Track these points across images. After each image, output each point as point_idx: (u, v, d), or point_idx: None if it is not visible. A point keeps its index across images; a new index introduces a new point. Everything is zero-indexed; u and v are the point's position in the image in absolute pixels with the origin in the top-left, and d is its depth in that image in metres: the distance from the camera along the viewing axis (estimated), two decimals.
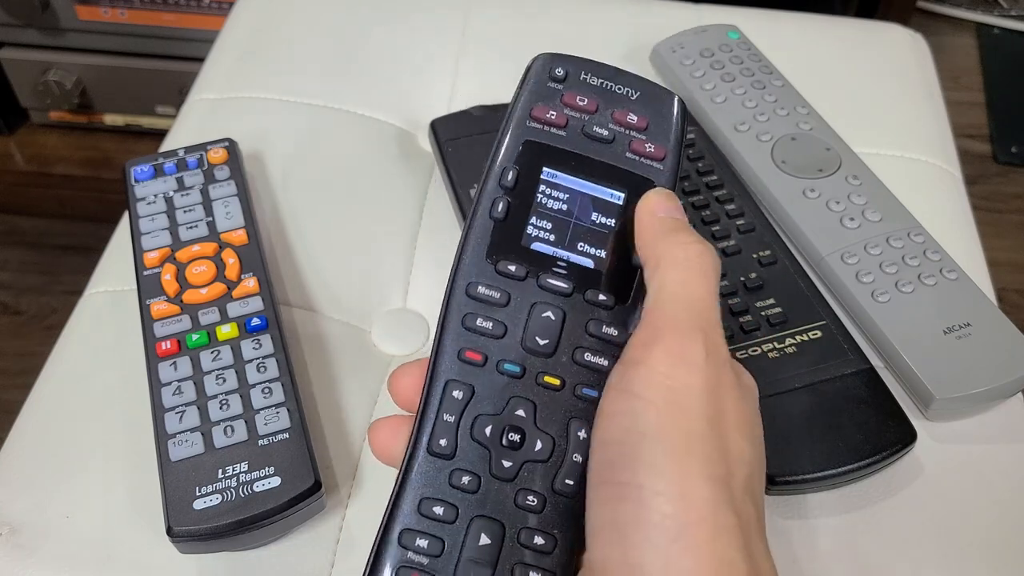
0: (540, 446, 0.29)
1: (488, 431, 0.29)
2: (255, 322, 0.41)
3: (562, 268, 0.30)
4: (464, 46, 0.60)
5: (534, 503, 0.28)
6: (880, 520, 0.40)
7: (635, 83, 0.32)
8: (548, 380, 0.29)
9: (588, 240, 0.30)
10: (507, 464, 0.29)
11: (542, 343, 0.29)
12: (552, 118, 0.31)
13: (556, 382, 0.29)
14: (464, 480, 0.28)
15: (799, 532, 0.39)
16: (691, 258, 0.28)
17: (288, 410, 0.38)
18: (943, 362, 0.42)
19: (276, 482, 0.36)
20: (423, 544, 0.28)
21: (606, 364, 0.29)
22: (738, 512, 0.25)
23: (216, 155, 0.47)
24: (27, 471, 0.40)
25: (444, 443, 0.29)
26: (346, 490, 0.40)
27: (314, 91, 0.56)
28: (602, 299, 0.30)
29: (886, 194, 0.49)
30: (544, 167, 0.31)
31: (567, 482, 0.28)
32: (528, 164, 0.31)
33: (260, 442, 0.37)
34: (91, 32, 1.04)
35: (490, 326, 0.29)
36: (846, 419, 0.40)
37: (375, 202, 0.51)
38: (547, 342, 0.29)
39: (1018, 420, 0.43)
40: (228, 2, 0.97)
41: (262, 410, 0.38)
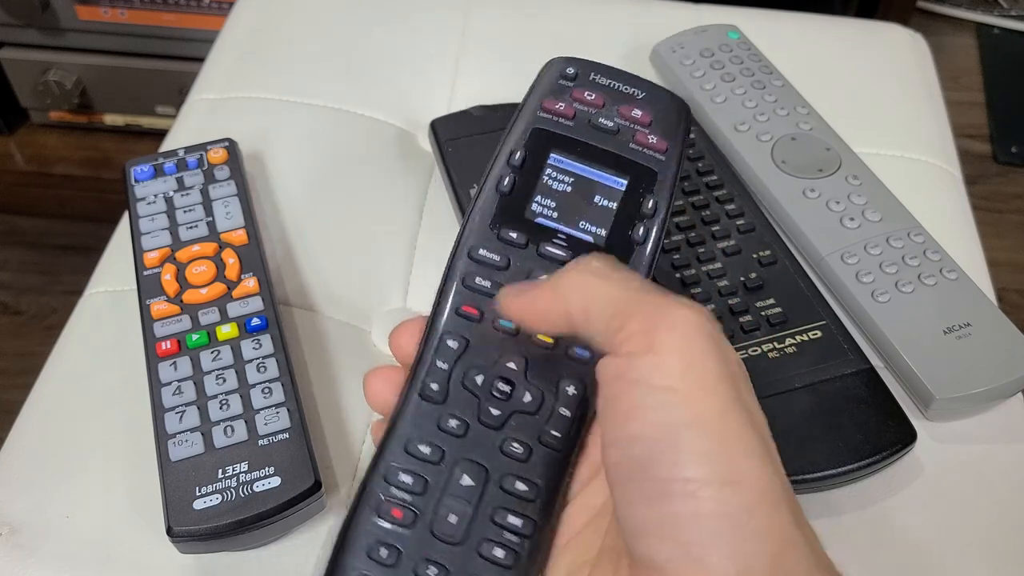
0: (529, 398, 0.29)
1: (479, 380, 0.30)
2: (255, 322, 0.41)
3: (562, 240, 0.31)
4: (464, 46, 0.60)
5: (519, 451, 0.29)
6: (880, 520, 0.39)
7: (642, 85, 0.34)
8: (542, 338, 0.30)
9: (589, 219, 0.31)
10: (495, 412, 0.29)
11: None
12: (561, 109, 0.33)
13: (549, 340, 0.30)
14: (452, 424, 0.29)
15: None
16: None
17: (288, 410, 0.38)
18: (943, 362, 0.42)
19: (276, 482, 0.36)
20: (407, 480, 0.29)
21: None
22: (783, 480, 0.25)
23: (216, 155, 0.47)
24: (27, 471, 0.40)
25: (436, 387, 0.30)
26: (346, 490, 0.40)
27: (314, 91, 0.56)
28: None
29: (886, 194, 0.49)
30: (552, 152, 0.32)
31: (554, 433, 0.29)
32: (536, 148, 0.32)
33: (260, 442, 0.37)
34: (91, 32, 1.03)
35: (488, 285, 0.30)
36: (846, 419, 0.40)
37: (375, 202, 0.51)
38: None
39: (1018, 420, 0.43)
40: (228, 2, 0.97)
41: (262, 410, 0.38)
